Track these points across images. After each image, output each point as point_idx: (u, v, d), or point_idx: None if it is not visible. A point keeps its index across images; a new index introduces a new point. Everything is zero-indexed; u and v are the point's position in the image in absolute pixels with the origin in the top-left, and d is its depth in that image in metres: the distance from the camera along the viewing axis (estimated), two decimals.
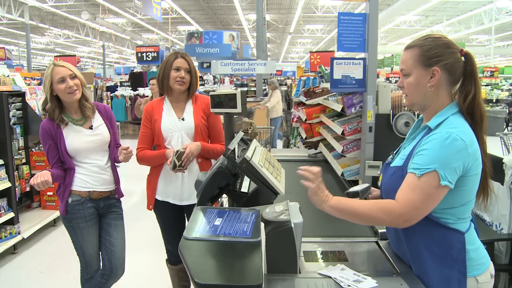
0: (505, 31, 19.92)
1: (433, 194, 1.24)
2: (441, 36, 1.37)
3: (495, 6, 14.43)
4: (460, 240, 1.31)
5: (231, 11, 19.36)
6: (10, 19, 17.48)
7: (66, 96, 2.16)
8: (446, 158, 1.23)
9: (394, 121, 2.57)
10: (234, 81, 16.03)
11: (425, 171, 1.23)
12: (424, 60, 1.33)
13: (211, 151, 2.32)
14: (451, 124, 1.29)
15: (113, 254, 2.33)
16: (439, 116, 1.33)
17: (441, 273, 1.30)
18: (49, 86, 2.14)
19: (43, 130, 2.21)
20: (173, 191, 2.35)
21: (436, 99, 1.36)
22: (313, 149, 3.84)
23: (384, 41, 25.61)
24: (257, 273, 1.06)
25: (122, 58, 31.07)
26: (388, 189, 1.40)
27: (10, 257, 3.76)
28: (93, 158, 2.27)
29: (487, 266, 1.36)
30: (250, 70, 6.27)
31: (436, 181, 1.23)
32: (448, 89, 1.36)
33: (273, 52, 35.01)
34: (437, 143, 1.25)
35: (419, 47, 1.35)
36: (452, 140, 1.23)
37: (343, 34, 2.59)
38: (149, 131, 2.36)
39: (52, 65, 2.17)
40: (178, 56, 2.31)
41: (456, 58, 1.32)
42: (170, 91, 2.35)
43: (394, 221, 1.28)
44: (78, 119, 2.26)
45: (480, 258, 1.35)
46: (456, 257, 1.30)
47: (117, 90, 8.93)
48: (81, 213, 2.23)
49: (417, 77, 1.35)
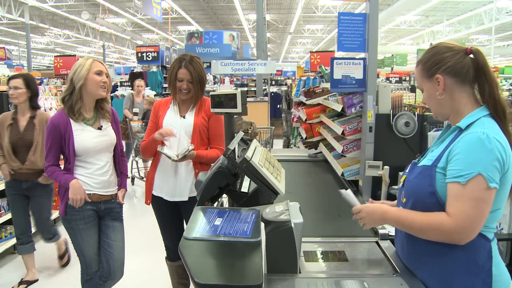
0: (505, 31, 19.91)
1: (484, 199, 1.18)
2: (440, 43, 1.37)
3: (495, 6, 14.41)
4: (487, 247, 1.25)
5: (231, 11, 19.35)
6: (10, 19, 17.47)
7: (97, 89, 2.19)
8: (488, 159, 1.17)
9: (394, 121, 2.57)
10: (234, 81, 16.02)
11: (469, 176, 1.17)
12: (426, 72, 1.36)
13: (204, 158, 2.34)
14: (483, 125, 1.24)
15: (111, 257, 2.32)
16: (470, 117, 1.29)
17: (464, 281, 1.24)
18: (85, 73, 2.15)
19: (52, 125, 2.19)
20: (166, 187, 2.40)
21: (454, 104, 1.33)
22: (313, 149, 3.84)
23: (384, 41, 25.61)
24: (257, 273, 1.06)
25: (122, 58, 31.05)
26: (412, 187, 1.34)
27: (10, 257, 3.76)
28: (98, 158, 2.27)
29: (509, 284, 1.29)
30: (250, 70, 6.28)
31: (483, 184, 1.17)
32: (465, 90, 1.32)
33: (273, 52, 35.00)
34: (474, 144, 1.19)
35: (420, 63, 1.39)
36: (490, 140, 1.18)
37: (343, 34, 2.59)
38: (154, 125, 2.44)
39: (91, 59, 2.22)
40: (182, 66, 2.32)
41: (457, 59, 1.30)
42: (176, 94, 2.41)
43: (448, 237, 1.21)
44: (89, 118, 2.27)
45: (502, 274, 1.28)
46: (482, 265, 1.24)
47: (117, 90, 8.90)
48: (80, 214, 2.22)
49: (427, 90, 1.38)
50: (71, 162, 2.21)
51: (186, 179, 2.36)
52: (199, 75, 2.34)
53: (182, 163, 2.33)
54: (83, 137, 2.21)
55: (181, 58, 2.36)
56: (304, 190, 2.77)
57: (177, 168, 2.36)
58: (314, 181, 3.06)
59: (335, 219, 2.19)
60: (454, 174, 1.21)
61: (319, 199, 2.60)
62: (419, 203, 1.30)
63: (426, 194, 1.27)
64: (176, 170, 2.36)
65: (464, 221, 1.18)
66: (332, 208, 2.38)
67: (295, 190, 2.64)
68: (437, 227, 1.21)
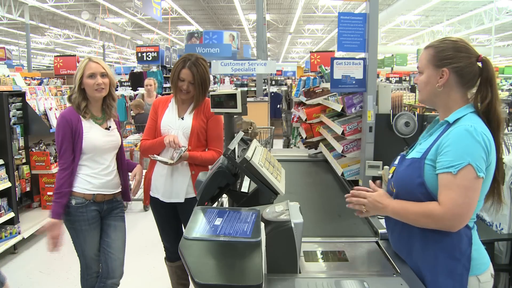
0: (505, 31, 19.91)
1: (472, 187, 1.26)
2: (459, 39, 1.40)
3: (495, 6, 14.42)
4: (469, 235, 1.34)
5: (231, 11, 19.35)
6: (10, 19, 17.47)
7: (92, 92, 2.18)
8: (476, 150, 1.25)
9: (394, 121, 2.57)
10: (234, 81, 16.02)
11: (460, 166, 1.24)
12: (435, 60, 1.39)
13: (198, 159, 2.34)
14: (471, 120, 1.31)
15: (110, 256, 2.30)
16: (458, 112, 1.36)
17: (447, 265, 1.32)
18: (79, 78, 2.16)
19: (64, 120, 2.16)
20: (163, 188, 2.39)
21: (448, 99, 1.40)
22: (313, 149, 3.84)
23: (384, 41, 25.61)
24: (257, 273, 1.06)
25: (122, 58, 31.03)
26: (402, 178, 1.41)
27: (10, 257, 3.76)
28: (104, 158, 2.25)
29: (488, 266, 1.39)
30: (250, 70, 6.28)
31: (473, 174, 1.24)
32: (461, 91, 1.39)
33: (273, 52, 35.00)
34: (463, 136, 1.27)
35: (434, 48, 1.40)
36: (477, 133, 1.26)
37: (343, 34, 2.59)
38: (154, 124, 2.43)
39: (87, 59, 2.20)
40: (185, 66, 2.30)
41: (469, 63, 1.35)
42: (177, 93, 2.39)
43: (440, 224, 1.29)
44: (98, 117, 2.26)
45: (481, 258, 1.37)
46: (464, 251, 1.32)
47: (117, 90, 8.90)
48: (85, 216, 2.20)
49: (428, 76, 1.41)
50: (76, 160, 2.19)
51: (182, 180, 2.35)
52: (201, 78, 2.31)
53: (178, 164, 2.32)
54: (93, 134, 2.20)
55: (186, 58, 2.33)
56: (304, 190, 2.77)
57: (173, 169, 2.35)
58: (314, 181, 3.06)
59: (335, 219, 2.19)
60: (445, 165, 1.27)
61: (319, 199, 2.60)
62: (409, 193, 1.37)
63: (415, 185, 1.34)
64: (172, 172, 2.35)
65: (454, 208, 1.25)
66: (332, 208, 2.38)
67: (295, 190, 2.64)
68: (428, 215, 1.29)
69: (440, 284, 1.32)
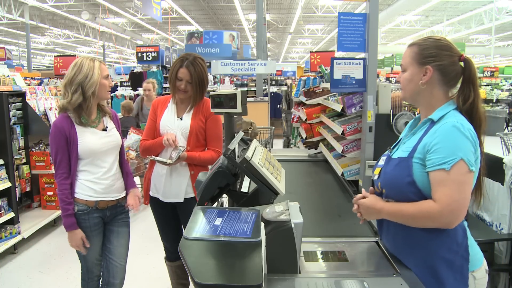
0: (505, 31, 19.92)
1: (466, 181, 1.27)
2: (442, 38, 1.42)
3: (495, 6, 14.43)
4: (463, 226, 1.35)
5: (231, 11, 19.35)
6: (10, 19, 17.49)
7: (105, 93, 2.18)
8: (466, 145, 1.27)
9: (394, 121, 2.57)
10: (234, 81, 16.01)
11: (452, 162, 1.25)
12: (419, 58, 1.40)
13: (196, 159, 2.33)
14: (455, 117, 1.33)
15: (111, 262, 2.27)
16: (441, 110, 1.37)
17: (446, 258, 1.32)
18: (98, 79, 2.09)
19: (57, 128, 2.08)
20: (162, 188, 2.39)
21: (430, 97, 1.41)
22: (313, 149, 3.84)
23: (384, 41, 25.61)
24: (257, 273, 1.06)
25: (122, 58, 31.05)
26: (391, 178, 1.40)
27: (10, 257, 3.76)
28: (104, 161, 2.17)
29: (482, 262, 1.40)
30: (250, 70, 6.28)
31: (465, 168, 1.26)
32: (443, 89, 1.41)
33: (273, 52, 35.00)
34: (452, 133, 1.28)
35: (418, 46, 1.42)
36: (465, 128, 1.28)
37: (343, 34, 2.59)
38: (153, 124, 2.42)
39: (98, 62, 2.15)
40: (183, 65, 2.29)
41: (451, 62, 1.37)
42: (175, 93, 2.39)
43: (438, 222, 1.29)
44: (93, 119, 2.18)
45: (475, 254, 1.39)
46: (461, 242, 1.33)
47: (117, 90, 8.89)
48: (87, 222, 2.14)
49: (411, 74, 1.43)
50: (73, 167, 2.12)
51: (181, 180, 2.35)
52: (199, 77, 2.30)
53: (177, 164, 2.32)
54: (89, 139, 2.12)
55: (184, 57, 2.32)
56: (304, 190, 2.77)
57: (173, 169, 2.34)
58: (314, 181, 3.06)
59: (335, 219, 2.19)
60: (437, 162, 1.27)
61: (319, 199, 2.60)
62: (399, 193, 1.36)
63: (405, 184, 1.34)
64: (171, 172, 2.35)
65: (451, 204, 1.25)
66: (332, 208, 2.38)
67: (295, 190, 2.64)
68: (426, 214, 1.28)
69: (442, 278, 1.32)
